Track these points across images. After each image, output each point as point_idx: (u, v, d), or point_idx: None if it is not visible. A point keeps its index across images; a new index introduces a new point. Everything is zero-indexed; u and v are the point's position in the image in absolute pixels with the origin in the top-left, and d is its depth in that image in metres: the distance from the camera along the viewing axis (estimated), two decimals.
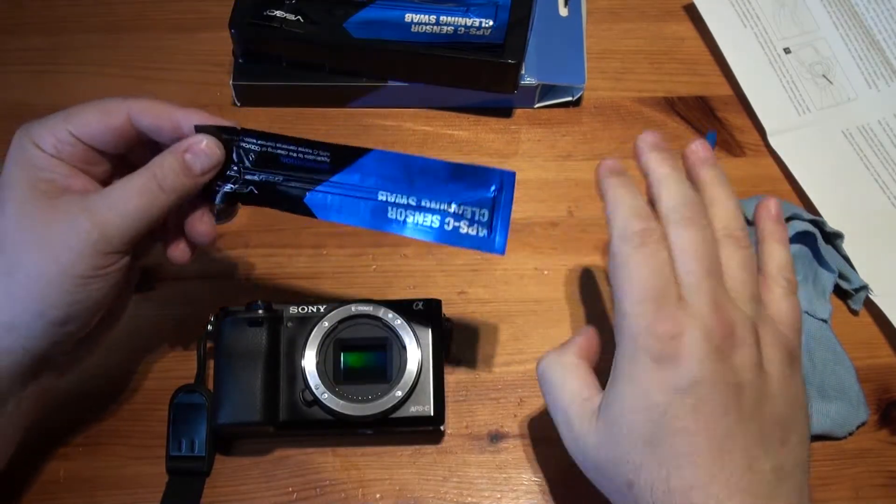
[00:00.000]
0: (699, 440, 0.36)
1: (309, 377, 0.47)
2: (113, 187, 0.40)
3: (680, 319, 0.37)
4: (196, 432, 0.49)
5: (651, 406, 0.37)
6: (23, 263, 0.39)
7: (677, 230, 0.39)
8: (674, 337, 0.37)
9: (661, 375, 0.37)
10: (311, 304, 0.49)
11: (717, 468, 0.36)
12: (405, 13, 0.59)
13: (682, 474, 0.36)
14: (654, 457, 0.36)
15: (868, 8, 0.64)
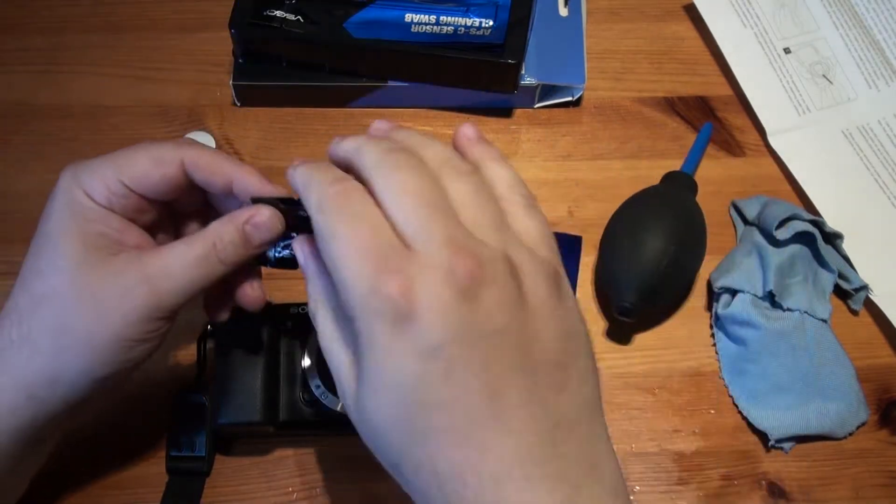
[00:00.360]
0: (460, 411, 0.30)
1: (309, 377, 0.47)
2: (170, 253, 0.39)
3: (408, 269, 0.30)
4: (196, 432, 0.49)
5: (399, 382, 0.30)
6: (74, 323, 0.38)
7: (381, 178, 0.32)
8: (405, 291, 0.30)
9: (402, 342, 0.30)
10: None
11: (488, 440, 0.30)
12: (405, 13, 0.59)
13: (448, 456, 0.30)
14: (414, 440, 0.31)
15: (868, 8, 0.64)
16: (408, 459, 0.31)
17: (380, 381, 0.31)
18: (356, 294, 0.31)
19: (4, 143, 0.61)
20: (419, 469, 0.31)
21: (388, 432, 0.32)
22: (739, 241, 0.57)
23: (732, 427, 0.52)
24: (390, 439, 0.32)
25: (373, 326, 0.30)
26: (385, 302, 0.30)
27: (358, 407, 0.33)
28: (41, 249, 0.39)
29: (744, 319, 0.52)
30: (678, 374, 0.53)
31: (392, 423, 0.31)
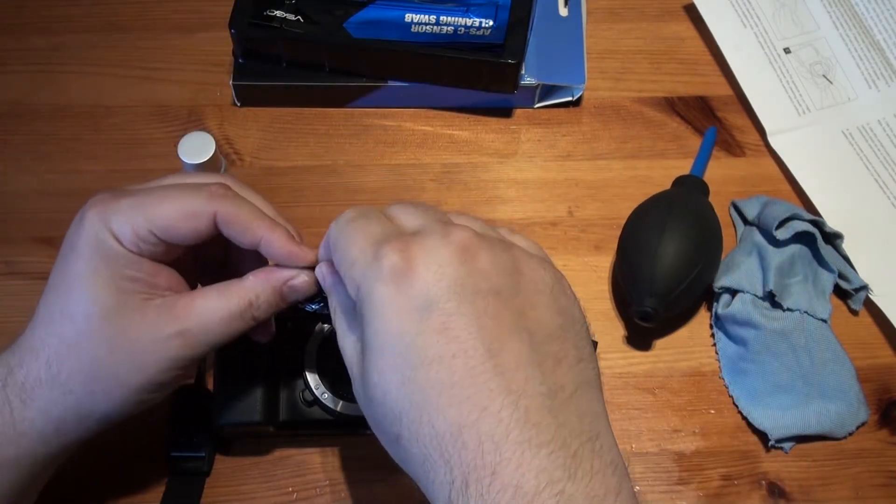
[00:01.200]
0: (458, 366, 0.30)
1: (309, 377, 0.47)
2: (205, 305, 0.39)
3: (408, 239, 0.33)
4: (196, 432, 0.49)
5: (400, 340, 0.31)
6: (107, 368, 0.38)
7: (390, 209, 0.37)
8: (404, 253, 0.32)
9: (401, 299, 0.31)
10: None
11: (485, 398, 0.30)
12: (405, 13, 0.59)
13: (446, 414, 0.30)
14: (413, 400, 0.31)
15: (868, 8, 0.64)
16: (408, 423, 0.31)
17: (383, 344, 0.32)
18: (360, 268, 0.33)
19: (4, 143, 0.61)
20: (419, 433, 0.31)
21: (390, 397, 0.32)
22: (739, 241, 0.57)
23: (732, 427, 0.52)
24: (392, 405, 0.31)
25: (374, 291, 0.32)
26: (385, 264, 0.32)
27: (364, 382, 0.33)
28: (71, 291, 0.38)
29: (744, 319, 0.52)
30: (678, 374, 0.53)
31: (394, 387, 0.31)
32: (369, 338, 0.32)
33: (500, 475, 0.29)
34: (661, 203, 0.54)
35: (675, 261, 0.50)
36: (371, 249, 0.33)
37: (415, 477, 0.33)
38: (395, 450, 0.33)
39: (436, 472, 0.30)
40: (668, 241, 0.51)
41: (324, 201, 0.59)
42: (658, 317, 0.50)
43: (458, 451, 0.30)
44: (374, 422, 0.33)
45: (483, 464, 0.29)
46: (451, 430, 0.30)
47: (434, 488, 0.31)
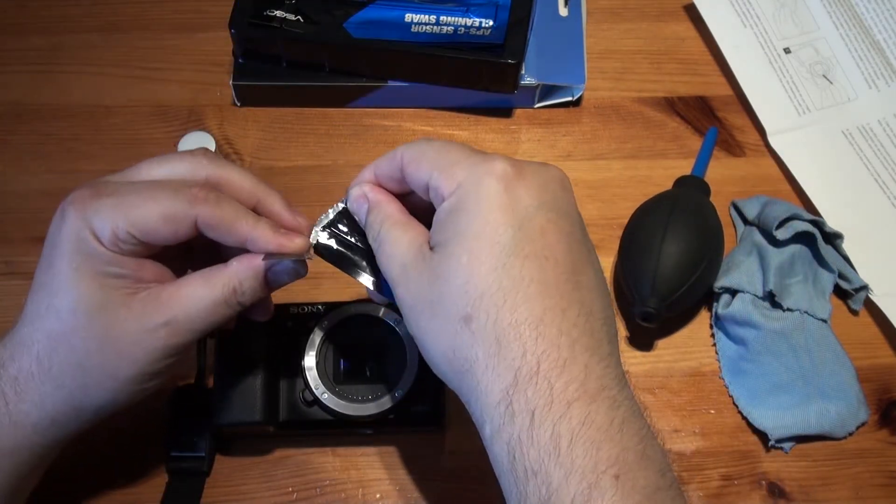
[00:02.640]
0: (548, 269, 0.34)
1: (309, 377, 0.47)
2: (190, 293, 0.39)
3: (504, 157, 0.36)
4: (196, 432, 0.49)
5: (498, 228, 0.34)
6: (96, 363, 0.39)
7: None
8: (514, 164, 0.36)
9: (506, 196, 0.35)
10: (310, 304, 0.49)
11: (565, 303, 0.34)
12: (405, 13, 0.59)
13: (531, 305, 0.33)
14: (501, 284, 0.34)
15: (868, 8, 0.64)
16: (488, 305, 0.33)
17: (481, 231, 0.34)
18: (465, 166, 0.36)
19: (4, 143, 0.61)
20: (498, 315, 0.33)
21: (475, 278, 0.34)
22: (739, 241, 0.57)
23: (732, 427, 0.52)
24: (476, 285, 0.34)
25: (482, 184, 0.35)
26: (498, 166, 0.35)
27: (441, 262, 0.35)
28: (56, 288, 0.38)
29: (744, 319, 0.52)
30: (678, 374, 0.53)
31: (485, 270, 0.34)
32: (466, 225, 0.35)
33: (569, 369, 0.33)
34: (664, 203, 0.54)
35: (678, 261, 0.50)
36: (478, 155, 0.36)
37: (465, 364, 0.34)
38: (455, 333, 0.34)
39: (503, 355, 0.33)
40: (670, 241, 0.51)
41: (324, 201, 0.58)
42: (660, 317, 0.50)
43: (535, 339, 0.33)
44: (439, 301, 0.35)
45: (557, 356, 0.33)
46: (532, 319, 0.33)
47: (491, 374, 0.33)
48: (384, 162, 0.40)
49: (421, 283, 0.36)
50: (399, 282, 0.37)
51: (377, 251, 0.39)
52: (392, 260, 0.38)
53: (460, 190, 0.35)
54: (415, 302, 0.36)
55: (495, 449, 0.34)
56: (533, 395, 0.32)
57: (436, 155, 0.37)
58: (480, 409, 0.34)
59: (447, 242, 0.35)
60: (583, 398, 0.32)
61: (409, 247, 0.37)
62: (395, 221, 0.39)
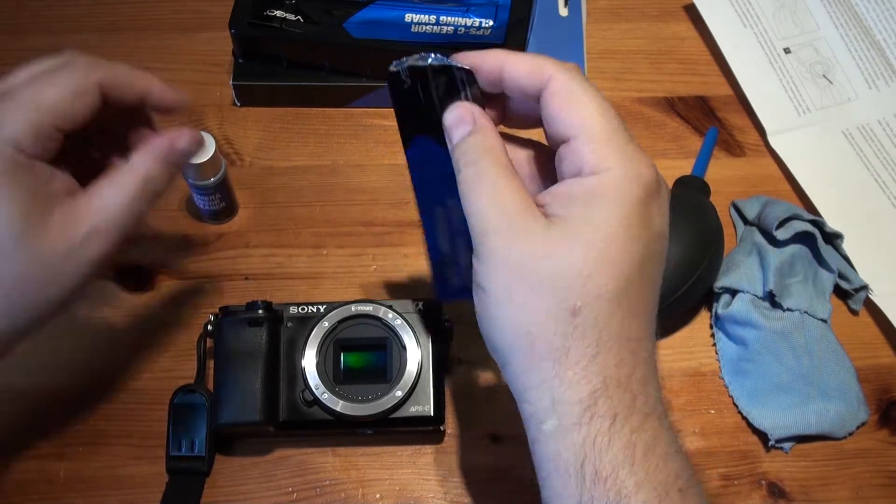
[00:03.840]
0: (652, 293, 0.35)
1: (309, 377, 0.47)
2: (105, 198, 0.38)
3: (652, 162, 0.35)
4: (196, 432, 0.49)
5: (630, 242, 0.34)
6: (23, 290, 0.37)
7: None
8: (658, 177, 0.35)
9: (647, 212, 0.34)
10: (311, 304, 0.49)
11: (653, 325, 0.36)
12: (405, 13, 0.59)
13: (638, 323, 0.34)
14: (620, 293, 0.33)
15: (868, 8, 0.64)
16: (599, 306, 0.33)
17: (616, 232, 0.33)
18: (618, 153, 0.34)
19: None
20: (607, 322, 0.33)
21: (592, 277, 0.33)
22: (739, 241, 0.57)
23: (732, 427, 0.52)
24: (593, 284, 0.33)
25: (628, 184, 0.33)
26: (647, 175, 0.34)
27: (555, 238, 0.34)
28: None
29: (744, 319, 0.52)
30: (678, 374, 0.53)
31: (602, 270, 0.33)
32: (602, 219, 0.33)
33: (646, 389, 0.34)
34: None
35: (678, 261, 0.50)
36: (633, 148, 0.34)
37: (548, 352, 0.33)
38: (555, 317, 0.33)
39: (599, 360, 0.33)
40: (670, 241, 0.51)
41: (324, 201, 0.59)
42: (660, 317, 0.50)
43: (631, 354, 0.34)
44: (549, 278, 0.33)
45: (641, 374, 0.34)
46: (633, 337, 0.34)
47: (580, 372, 0.33)
48: (523, 68, 0.36)
49: (531, 248, 0.34)
50: (500, 231, 0.34)
51: (470, 184, 0.35)
52: (494, 204, 0.35)
53: (606, 177, 0.34)
54: (516, 264, 0.34)
55: (557, 446, 0.33)
56: (618, 402, 0.33)
57: (592, 111, 0.35)
58: (550, 401, 0.33)
59: (575, 223, 0.34)
60: (654, 414, 0.34)
61: (515, 198, 0.35)
62: (502, 162, 0.36)
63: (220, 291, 0.55)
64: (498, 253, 0.34)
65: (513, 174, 0.35)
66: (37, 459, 0.50)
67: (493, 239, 0.34)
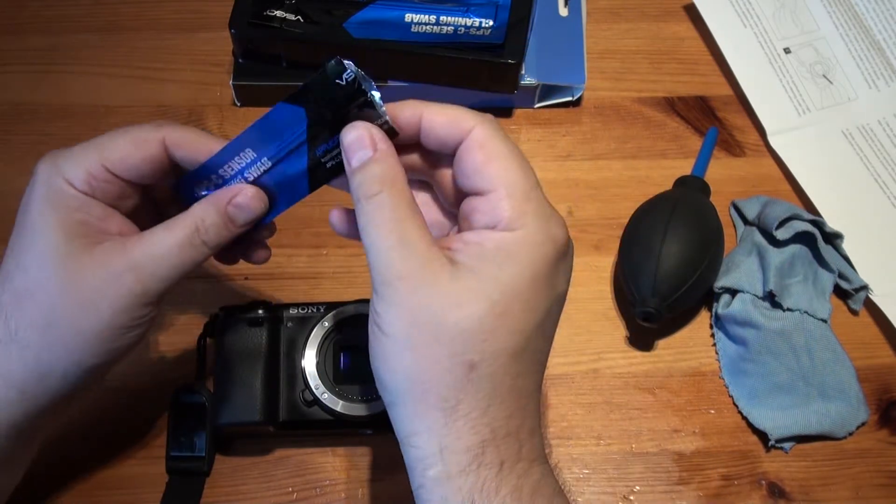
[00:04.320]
0: (547, 349, 0.36)
1: (309, 377, 0.47)
2: (153, 239, 0.39)
3: (565, 223, 0.36)
4: (196, 432, 0.49)
5: (536, 302, 0.34)
6: (62, 315, 0.37)
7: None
8: (567, 241, 0.36)
9: (555, 274, 0.35)
10: (311, 304, 0.49)
11: (541, 380, 0.36)
12: (405, 13, 0.59)
13: (531, 379, 0.35)
14: (517, 350, 0.34)
15: (868, 8, 0.64)
16: (497, 362, 0.33)
17: (517, 300, 0.33)
18: (534, 213, 0.34)
19: (4, 143, 0.61)
20: (503, 376, 0.33)
21: (493, 330, 0.33)
22: (739, 241, 0.57)
23: (732, 427, 0.52)
24: (493, 338, 0.33)
25: (542, 249, 0.34)
26: (560, 236, 0.35)
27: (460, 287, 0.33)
28: (22, 243, 0.38)
29: (744, 319, 0.52)
30: (678, 374, 0.53)
31: (504, 323, 0.33)
32: (511, 276, 0.33)
33: (532, 438, 0.35)
34: (664, 203, 0.54)
35: (679, 261, 0.50)
36: (550, 208, 0.35)
37: (440, 402, 0.33)
38: (449, 369, 0.33)
39: (490, 413, 0.33)
40: (670, 241, 0.51)
41: (324, 201, 0.58)
42: (661, 317, 0.50)
43: (521, 409, 0.34)
44: (449, 331, 0.33)
45: (531, 426, 0.35)
46: (525, 391, 0.35)
47: (470, 424, 0.33)
48: (442, 119, 0.36)
49: (437, 298, 0.33)
50: (407, 277, 0.33)
51: (371, 219, 0.34)
52: (400, 245, 0.34)
53: (521, 235, 0.34)
54: (419, 312, 0.33)
55: (443, 492, 0.34)
56: (505, 451, 0.34)
57: (514, 167, 0.35)
58: (437, 448, 0.33)
59: (482, 277, 0.33)
60: (538, 460, 0.35)
61: (421, 240, 0.34)
62: (406, 197, 0.35)
63: (220, 291, 0.55)
64: (402, 299, 0.33)
65: (416, 211, 0.35)
66: (37, 459, 0.50)
67: (397, 283, 0.33)
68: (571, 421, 0.52)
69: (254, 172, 0.40)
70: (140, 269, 0.38)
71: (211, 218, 0.39)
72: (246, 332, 0.48)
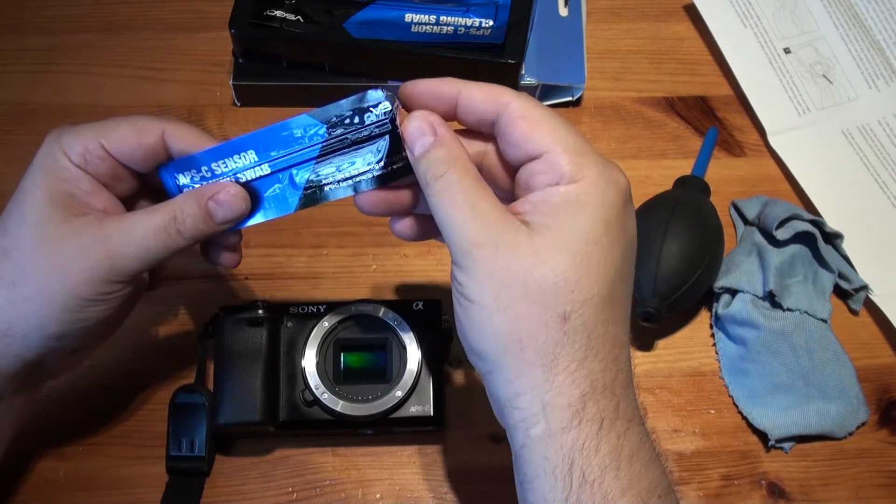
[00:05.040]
0: (630, 295, 0.36)
1: (309, 377, 0.47)
2: (131, 219, 0.39)
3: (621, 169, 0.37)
4: (196, 432, 0.49)
5: (613, 247, 0.35)
6: (29, 275, 0.38)
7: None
8: (628, 185, 0.36)
9: (626, 217, 0.35)
10: (311, 304, 0.49)
11: (628, 331, 0.37)
12: (405, 13, 0.59)
13: (619, 326, 0.35)
14: (604, 297, 0.34)
15: (868, 8, 0.64)
16: (588, 309, 0.34)
17: (598, 247, 0.34)
18: (595, 166, 0.35)
19: (4, 143, 0.61)
20: (595, 325, 0.34)
21: (580, 281, 0.34)
22: (739, 241, 0.57)
23: (732, 427, 0.52)
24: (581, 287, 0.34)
25: (608, 195, 0.35)
26: (623, 181, 0.35)
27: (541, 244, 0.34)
28: (10, 207, 0.39)
29: (744, 319, 0.52)
30: (678, 374, 0.53)
31: (588, 274, 0.34)
32: (585, 225, 0.34)
33: (628, 393, 0.35)
34: (664, 203, 0.54)
35: (679, 261, 0.50)
36: (603, 158, 0.36)
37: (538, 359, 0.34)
38: (545, 324, 0.34)
39: (587, 364, 0.34)
40: (671, 241, 0.51)
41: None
42: (661, 317, 0.50)
43: (615, 359, 0.35)
44: (537, 286, 0.34)
45: (624, 378, 0.35)
46: (617, 341, 0.35)
47: (569, 378, 0.34)
48: (479, 96, 0.36)
49: (517, 259, 0.34)
50: (485, 244, 0.34)
51: (442, 197, 0.35)
52: (473, 216, 0.34)
53: (586, 184, 0.34)
54: (504, 275, 0.34)
55: (546, 451, 0.34)
56: (605, 407, 0.34)
57: (561, 128, 0.36)
58: (540, 406, 0.34)
59: (558, 231, 0.34)
60: (636, 419, 0.35)
61: (493, 208, 0.35)
62: (471, 172, 0.36)
63: (220, 291, 0.55)
64: (484, 265, 0.34)
65: (483, 184, 0.36)
66: (37, 459, 0.50)
67: (477, 252, 0.34)
68: None
69: (248, 175, 0.40)
70: (110, 245, 0.39)
71: (190, 208, 0.40)
72: (246, 332, 0.48)
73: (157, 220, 0.39)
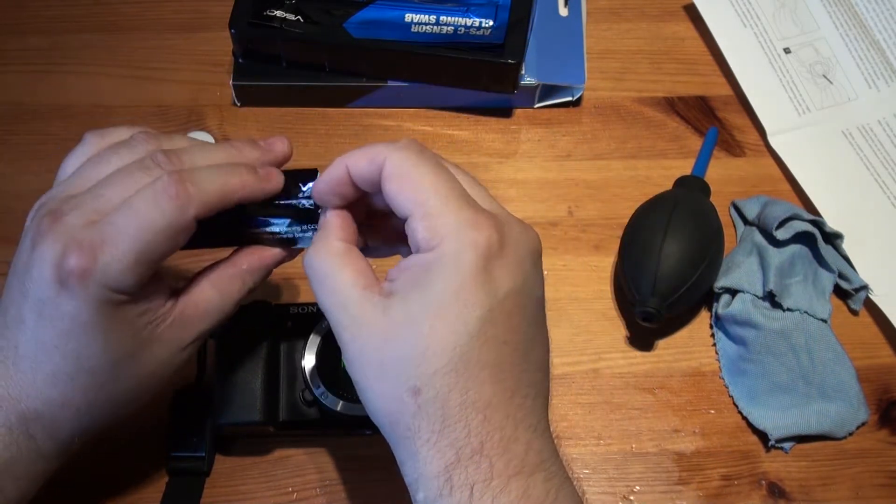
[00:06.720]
0: (504, 354, 0.34)
1: (309, 377, 0.47)
2: (209, 306, 0.41)
3: (502, 223, 0.35)
4: (196, 432, 0.49)
5: (465, 307, 0.33)
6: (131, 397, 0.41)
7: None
8: (500, 234, 0.34)
9: (483, 275, 0.33)
10: (311, 305, 0.49)
11: (514, 384, 0.34)
12: (405, 13, 0.59)
13: (482, 390, 0.33)
14: (456, 366, 0.33)
15: (868, 8, 0.64)
16: (440, 382, 0.33)
17: (449, 303, 0.33)
18: (452, 226, 0.34)
19: (4, 143, 0.61)
20: (448, 395, 0.33)
21: (432, 352, 0.33)
22: (739, 241, 0.57)
23: (732, 427, 0.52)
24: (431, 361, 0.33)
25: (464, 255, 0.33)
26: (484, 236, 0.34)
27: (387, 321, 0.34)
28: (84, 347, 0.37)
29: (744, 319, 0.52)
30: (678, 374, 0.53)
31: (441, 347, 0.33)
32: (436, 292, 0.33)
33: (511, 448, 0.33)
34: (664, 203, 0.54)
35: (679, 261, 0.50)
36: (468, 213, 0.34)
37: (406, 432, 0.34)
38: (401, 400, 0.34)
39: (447, 434, 0.33)
40: (670, 241, 0.51)
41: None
42: (661, 317, 0.50)
43: (481, 422, 0.33)
44: (390, 363, 0.34)
45: (500, 437, 0.33)
46: (480, 403, 0.33)
47: (432, 448, 0.33)
48: (363, 162, 0.37)
49: (371, 338, 0.34)
50: (346, 327, 0.35)
51: (311, 285, 0.37)
52: (333, 301, 0.36)
53: (440, 249, 0.34)
54: (362, 354, 0.35)
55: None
56: (474, 472, 0.33)
57: (424, 187, 0.35)
58: (416, 477, 0.34)
59: (410, 301, 0.34)
60: (522, 472, 0.34)
61: (352, 288, 0.35)
62: (333, 251, 0.37)
63: None
64: (348, 346, 0.35)
65: (345, 262, 0.36)
66: None
67: (342, 335, 0.35)
68: (571, 421, 0.52)
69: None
70: (202, 336, 0.41)
71: (258, 274, 0.43)
72: (246, 332, 0.48)
73: (234, 297, 0.42)
